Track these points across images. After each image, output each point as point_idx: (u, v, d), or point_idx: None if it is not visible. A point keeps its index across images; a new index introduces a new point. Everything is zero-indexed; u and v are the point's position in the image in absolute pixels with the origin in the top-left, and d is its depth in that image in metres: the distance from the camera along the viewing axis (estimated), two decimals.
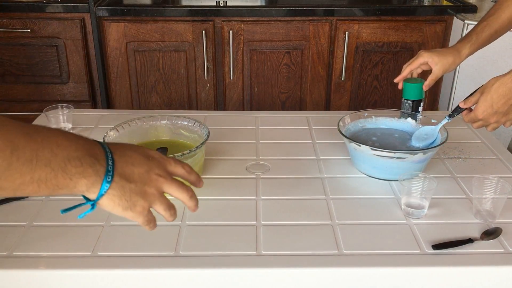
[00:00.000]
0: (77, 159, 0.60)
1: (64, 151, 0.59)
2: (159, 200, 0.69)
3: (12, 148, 0.54)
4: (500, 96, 1.07)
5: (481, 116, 1.10)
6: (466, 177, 1.18)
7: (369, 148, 1.12)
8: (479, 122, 1.13)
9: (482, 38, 1.29)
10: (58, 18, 2.22)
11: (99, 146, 0.64)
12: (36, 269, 0.88)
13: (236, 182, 1.16)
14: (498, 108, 1.08)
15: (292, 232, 0.98)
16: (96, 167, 0.62)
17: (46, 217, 1.02)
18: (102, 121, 1.47)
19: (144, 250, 0.92)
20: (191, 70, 2.30)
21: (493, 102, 1.08)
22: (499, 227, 0.99)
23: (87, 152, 0.61)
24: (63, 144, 0.59)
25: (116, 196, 0.64)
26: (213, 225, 1.00)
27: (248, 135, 1.39)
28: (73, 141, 0.61)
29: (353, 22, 2.25)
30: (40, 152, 0.57)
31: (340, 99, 2.39)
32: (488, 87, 1.09)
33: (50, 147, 0.58)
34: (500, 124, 1.12)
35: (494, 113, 1.09)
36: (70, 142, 0.60)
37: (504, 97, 1.07)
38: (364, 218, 1.03)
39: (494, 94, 1.07)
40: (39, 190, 0.58)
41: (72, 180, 0.60)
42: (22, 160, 0.55)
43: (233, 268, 0.89)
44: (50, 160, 0.58)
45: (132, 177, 0.65)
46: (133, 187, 0.65)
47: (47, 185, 0.58)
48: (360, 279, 0.91)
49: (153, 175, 0.68)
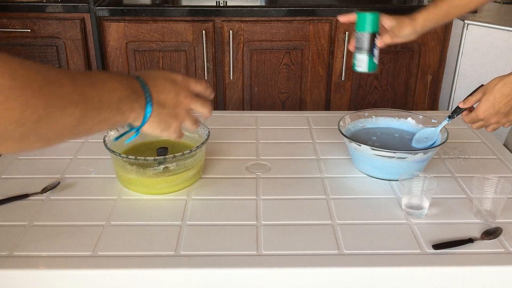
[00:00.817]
0: (127, 97, 0.72)
1: (117, 93, 0.70)
2: (188, 118, 0.84)
3: (85, 99, 0.64)
4: (503, 96, 1.06)
5: (482, 116, 1.10)
6: (466, 177, 1.18)
7: (369, 148, 1.12)
8: (479, 123, 1.13)
9: (440, 8, 1.27)
10: (58, 18, 2.22)
11: (137, 81, 0.75)
12: (36, 269, 0.88)
13: (236, 182, 1.16)
14: (499, 108, 1.08)
15: (292, 232, 0.98)
16: (139, 101, 0.74)
17: (46, 217, 1.02)
18: None
19: (144, 250, 0.92)
20: (191, 70, 2.30)
21: (495, 102, 1.07)
22: (499, 227, 0.99)
23: (131, 90, 0.73)
24: (115, 86, 0.70)
25: (155, 122, 0.78)
26: (213, 225, 1.00)
27: (248, 135, 1.39)
28: (120, 82, 0.72)
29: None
30: (103, 98, 0.67)
31: (340, 99, 2.39)
32: (491, 87, 1.09)
33: (108, 92, 0.69)
34: (500, 125, 1.12)
35: (495, 113, 1.09)
36: (119, 83, 0.71)
37: (506, 97, 1.06)
38: (364, 218, 1.03)
39: (496, 94, 1.07)
40: (103, 128, 0.69)
41: (124, 115, 0.72)
42: (92, 107, 0.65)
43: (233, 268, 0.89)
44: (110, 103, 0.69)
45: (165, 103, 0.79)
46: (167, 111, 0.79)
47: (107, 123, 0.69)
48: (360, 279, 0.91)
49: (181, 98, 0.82)
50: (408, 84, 2.39)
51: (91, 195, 1.10)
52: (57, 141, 0.64)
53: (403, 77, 2.37)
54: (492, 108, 1.08)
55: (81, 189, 1.12)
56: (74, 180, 1.16)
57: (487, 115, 1.09)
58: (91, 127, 0.67)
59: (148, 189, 1.10)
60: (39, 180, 1.14)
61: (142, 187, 1.10)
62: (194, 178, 1.14)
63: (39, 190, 1.10)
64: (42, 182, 1.13)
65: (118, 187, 1.13)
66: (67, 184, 1.14)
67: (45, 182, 1.13)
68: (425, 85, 2.39)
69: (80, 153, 1.28)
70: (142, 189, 1.10)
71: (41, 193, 1.10)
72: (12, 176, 1.17)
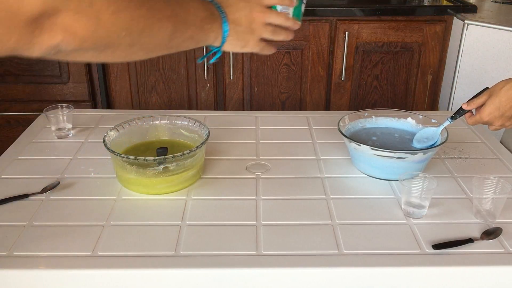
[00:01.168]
0: (207, 18, 0.80)
1: (199, 12, 0.78)
2: (265, 30, 0.88)
3: (176, 15, 0.74)
4: (509, 99, 1.05)
5: (486, 119, 1.08)
6: (466, 177, 1.18)
7: (369, 148, 1.12)
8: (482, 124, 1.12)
9: None
10: None
11: (212, 4, 0.82)
12: (36, 269, 0.88)
13: (236, 182, 1.16)
14: (505, 111, 1.06)
15: (292, 232, 0.98)
16: (217, 21, 0.82)
17: (46, 217, 1.02)
18: (102, 121, 1.47)
19: (144, 250, 0.92)
20: (191, 70, 2.30)
21: (501, 105, 1.06)
22: (499, 227, 0.99)
23: (209, 11, 0.81)
24: (197, 6, 0.78)
25: (233, 39, 0.84)
26: (213, 225, 1.00)
27: (248, 135, 1.39)
28: (201, 4, 0.80)
29: (353, 22, 2.25)
30: (189, 16, 0.77)
31: (340, 99, 2.39)
32: (497, 90, 1.07)
33: (193, 12, 0.78)
34: (503, 128, 1.11)
35: (500, 116, 1.07)
36: (200, 4, 0.79)
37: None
38: (364, 218, 1.03)
39: (502, 97, 1.06)
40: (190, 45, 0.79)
41: (206, 34, 0.81)
42: (181, 23, 0.75)
43: (233, 268, 0.89)
44: (195, 21, 0.78)
45: (240, 21, 0.85)
46: (243, 29, 0.85)
47: (193, 40, 0.79)
48: (360, 279, 0.91)
49: (254, 13, 0.86)
50: (408, 84, 2.39)
51: (91, 195, 1.10)
52: (154, 53, 0.76)
53: (403, 77, 2.37)
54: (497, 111, 1.07)
55: (81, 189, 1.12)
56: (74, 180, 1.16)
57: (491, 118, 1.08)
58: (180, 43, 0.77)
59: (148, 189, 1.10)
60: (39, 180, 1.14)
61: (142, 187, 1.10)
62: (194, 178, 1.14)
63: (39, 190, 1.10)
64: (42, 182, 1.13)
65: (117, 187, 1.13)
66: (67, 184, 1.14)
67: (45, 182, 1.13)
68: (425, 85, 2.39)
69: (80, 153, 1.28)
70: (142, 189, 1.10)
71: (41, 193, 1.10)
72: (12, 176, 1.17)
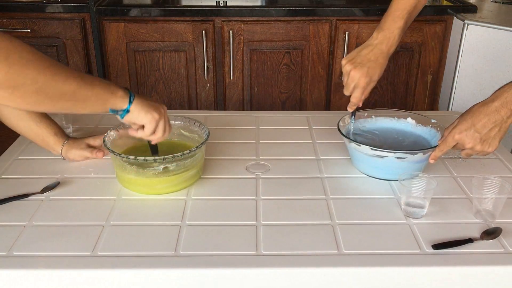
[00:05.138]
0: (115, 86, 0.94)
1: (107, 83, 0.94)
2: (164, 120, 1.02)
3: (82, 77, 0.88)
4: (481, 114, 1.04)
5: (457, 136, 1.07)
6: (466, 177, 1.18)
7: (369, 148, 1.12)
8: None
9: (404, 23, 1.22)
10: (58, 18, 2.22)
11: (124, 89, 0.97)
12: (36, 269, 0.88)
13: (236, 182, 1.16)
14: (478, 129, 1.05)
15: (292, 232, 0.98)
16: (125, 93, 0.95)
17: (46, 217, 1.02)
18: (102, 121, 1.47)
19: (144, 250, 0.92)
20: (191, 70, 2.30)
21: (473, 122, 1.05)
22: (499, 227, 0.99)
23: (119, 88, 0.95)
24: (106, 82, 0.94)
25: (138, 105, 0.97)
26: (213, 225, 1.00)
27: (248, 135, 1.39)
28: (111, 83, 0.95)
29: (353, 22, 2.25)
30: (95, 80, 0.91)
31: (340, 99, 2.38)
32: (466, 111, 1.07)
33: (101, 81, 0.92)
34: (474, 152, 1.09)
35: (472, 135, 1.05)
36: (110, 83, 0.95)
37: None
38: (364, 218, 1.03)
39: (475, 112, 1.05)
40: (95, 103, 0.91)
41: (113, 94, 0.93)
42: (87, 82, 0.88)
43: (233, 268, 0.89)
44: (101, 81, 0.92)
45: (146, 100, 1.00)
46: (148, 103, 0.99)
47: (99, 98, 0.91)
48: (360, 279, 0.91)
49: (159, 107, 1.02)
50: (408, 84, 2.39)
51: (91, 195, 1.10)
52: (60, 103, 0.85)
53: (403, 77, 2.37)
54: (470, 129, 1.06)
55: (81, 189, 1.12)
56: (73, 180, 1.16)
57: (462, 136, 1.07)
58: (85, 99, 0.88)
59: (148, 189, 1.10)
60: (39, 180, 1.14)
61: (142, 187, 1.10)
62: (193, 178, 1.14)
63: (39, 190, 1.10)
64: (42, 182, 1.13)
65: (117, 187, 1.13)
66: (66, 184, 1.14)
67: (45, 182, 1.13)
68: (425, 85, 2.39)
69: None
70: (142, 189, 1.10)
71: (41, 193, 1.10)
72: (12, 176, 1.17)
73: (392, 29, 1.20)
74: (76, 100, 0.87)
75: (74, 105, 0.88)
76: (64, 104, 0.86)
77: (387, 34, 1.20)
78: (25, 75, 0.77)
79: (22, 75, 0.76)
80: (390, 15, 1.21)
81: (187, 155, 1.07)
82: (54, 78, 0.82)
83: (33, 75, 0.78)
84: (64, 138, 1.21)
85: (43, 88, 0.80)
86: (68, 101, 0.86)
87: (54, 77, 0.82)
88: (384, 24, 1.21)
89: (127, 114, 0.96)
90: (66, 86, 0.84)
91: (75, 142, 1.22)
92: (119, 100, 0.94)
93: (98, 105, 0.91)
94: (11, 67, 0.75)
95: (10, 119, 1.16)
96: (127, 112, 0.96)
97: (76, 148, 1.21)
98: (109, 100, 0.93)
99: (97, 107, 0.91)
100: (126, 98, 0.95)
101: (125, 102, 0.95)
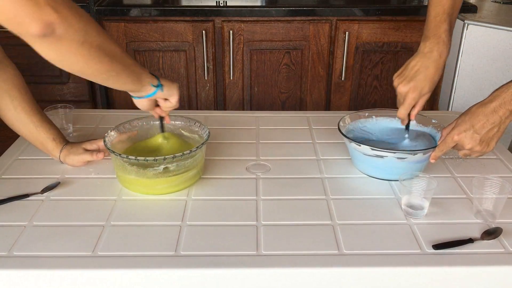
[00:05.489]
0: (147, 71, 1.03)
1: None
2: None
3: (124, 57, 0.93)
4: (481, 114, 1.04)
5: (457, 137, 1.07)
6: (466, 177, 1.18)
7: (369, 148, 1.12)
8: None
9: None
10: None
11: None
12: (36, 269, 0.88)
13: (236, 182, 1.16)
14: (478, 129, 1.04)
15: (292, 232, 0.98)
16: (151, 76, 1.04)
17: (46, 217, 1.02)
18: (102, 121, 1.47)
19: (144, 250, 0.92)
20: (191, 70, 2.30)
21: (472, 122, 1.05)
22: (499, 227, 0.99)
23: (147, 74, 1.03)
24: None
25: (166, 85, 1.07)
26: (213, 225, 1.00)
27: (248, 135, 1.39)
28: None
29: (353, 22, 2.25)
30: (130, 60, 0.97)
31: (340, 99, 2.38)
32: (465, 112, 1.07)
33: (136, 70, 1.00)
34: (473, 154, 1.09)
35: (471, 136, 1.05)
36: None
37: None
38: (364, 218, 1.03)
39: (474, 113, 1.05)
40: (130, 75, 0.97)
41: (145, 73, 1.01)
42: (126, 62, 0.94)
43: (233, 268, 0.89)
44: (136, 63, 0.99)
45: None
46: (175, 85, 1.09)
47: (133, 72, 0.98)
48: (360, 279, 0.91)
49: None
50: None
51: (91, 195, 1.10)
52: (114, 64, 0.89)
53: None
54: (469, 130, 1.06)
55: (81, 189, 1.12)
56: (74, 180, 1.16)
57: (461, 137, 1.07)
58: (129, 65, 0.94)
59: (148, 190, 1.10)
60: (39, 180, 1.14)
61: (142, 187, 1.10)
62: (194, 178, 1.13)
63: (39, 190, 1.10)
64: (42, 182, 1.13)
65: (118, 187, 1.13)
66: (67, 184, 1.14)
67: (45, 182, 1.13)
68: None
69: None
70: (142, 189, 1.10)
71: (41, 193, 1.10)
72: (12, 176, 1.17)
73: (438, 34, 1.15)
74: (124, 64, 0.92)
75: (122, 70, 0.93)
76: (116, 66, 0.90)
77: (434, 40, 1.15)
78: (91, 27, 0.82)
79: (90, 26, 0.81)
80: (431, 22, 1.17)
81: (188, 155, 1.07)
82: (108, 37, 0.88)
83: (96, 29, 0.84)
84: (62, 143, 1.20)
85: (103, 44, 0.85)
86: (119, 63, 0.90)
87: (108, 36, 0.88)
88: (429, 32, 1.17)
89: (160, 88, 1.05)
90: (117, 48, 0.90)
91: (72, 147, 1.21)
92: (149, 75, 1.02)
93: (137, 75, 0.98)
94: (82, 18, 0.79)
95: (12, 121, 1.16)
96: (161, 86, 1.04)
97: (74, 154, 1.20)
98: (143, 73, 1.00)
99: (136, 77, 0.98)
100: (152, 75, 1.04)
101: (154, 77, 1.03)
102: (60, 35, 0.76)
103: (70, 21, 0.76)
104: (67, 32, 0.77)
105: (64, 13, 0.75)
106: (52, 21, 0.74)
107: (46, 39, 0.76)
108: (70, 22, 0.76)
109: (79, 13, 0.79)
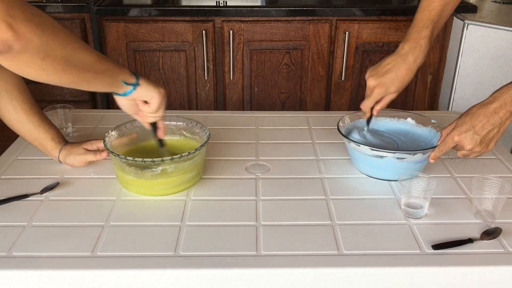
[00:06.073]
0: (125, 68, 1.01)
1: None
2: (165, 100, 1.07)
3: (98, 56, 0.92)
4: (481, 115, 1.03)
5: (457, 138, 1.07)
6: (466, 177, 1.18)
7: (368, 148, 1.12)
8: None
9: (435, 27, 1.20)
10: (58, 18, 2.22)
11: None
12: (35, 270, 0.88)
13: (236, 182, 1.16)
14: (478, 130, 1.04)
15: (292, 232, 0.98)
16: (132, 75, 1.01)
17: (45, 217, 1.02)
18: (102, 121, 1.47)
19: (144, 250, 0.92)
20: (191, 70, 2.30)
21: (473, 123, 1.05)
22: (499, 227, 0.99)
23: None
24: None
25: (144, 83, 1.03)
26: (213, 225, 1.00)
27: (248, 135, 1.39)
28: None
29: (353, 22, 2.25)
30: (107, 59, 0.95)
31: (340, 99, 2.38)
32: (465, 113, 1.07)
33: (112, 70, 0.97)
34: (472, 154, 1.08)
35: (471, 137, 1.05)
36: None
37: None
38: (364, 218, 1.03)
39: (474, 114, 1.05)
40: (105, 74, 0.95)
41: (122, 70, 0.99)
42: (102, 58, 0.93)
43: (233, 268, 0.89)
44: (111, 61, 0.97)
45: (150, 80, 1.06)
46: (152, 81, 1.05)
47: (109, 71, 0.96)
48: (360, 279, 0.91)
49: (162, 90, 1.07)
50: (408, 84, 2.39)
51: (90, 196, 1.10)
52: (82, 74, 0.89)
53: None
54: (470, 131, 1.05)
55: (80, 190, 1.12)
56: (73, 180, 1.16)
57: (462, 138, 1.06)
58: (103, 71, 0.93)
59: (147, 191, 1.10)
60: (38, 180, 1.14)
61: (141, 188, 1.10)
62: (193, 180, 1.13)
63: (38, 190, 1.10)
64: (41, 182, 1.13)
65: (117, 188, 1.13)
66: (66, 184, 1.14)
67: (44, 182, 1.13)
68: (425, 85, 2.39)
69: None
70: (141, 190, 1.10)
71: (40, 194, 1.10)
72: (12, 176, 1.17)
73: (417, 39, 1.17)
74: (95, 72, 0.91)
75: (93, 77, 0.92)
76: (85, 75, 0.90)
77: (412, 44, 1.17)
78: (55, 40, 0.80)
79: (53, 40, 0.79)
80: (414, 26, 1.18)
81: (186, 157, 1.07)
82: (79, 46, 0.86)
83: (62, 41, 0.81)
84: (61, 144, 1.20)
85: (70, 56, 0.84)
86: (88, 72, 0.90)
87: (79, 46, 0.86)
88: (409, 35, 1.18)
89: (137, 87, 1.01)
90: (87, 57, 0.88)
91: (73, 147, 1.20)
92: (128, 75, 1.00)
93: (112, 78, 0.97)
94: (44, 32, 0.77)
95: (12, 121, 1.16)
96: (138, 85, 1.01)
97: (74, 154, 1.19)
98: (121, 74, 0.98)
99: (111, 80, 0.96)
100: (133, 75, 1.01)
101: (133, 77, 1.01)
102: (18, 51, 0.74)
103: (29, 37, 0.74)
104: (25, 49, 0.75)
105: (22, 30, 0.73)
106: (7, 39, 0.72)
107: (3, 56, 0.74)
108: (28, 39, 0.74)
109: (41, 27, 0.76)
